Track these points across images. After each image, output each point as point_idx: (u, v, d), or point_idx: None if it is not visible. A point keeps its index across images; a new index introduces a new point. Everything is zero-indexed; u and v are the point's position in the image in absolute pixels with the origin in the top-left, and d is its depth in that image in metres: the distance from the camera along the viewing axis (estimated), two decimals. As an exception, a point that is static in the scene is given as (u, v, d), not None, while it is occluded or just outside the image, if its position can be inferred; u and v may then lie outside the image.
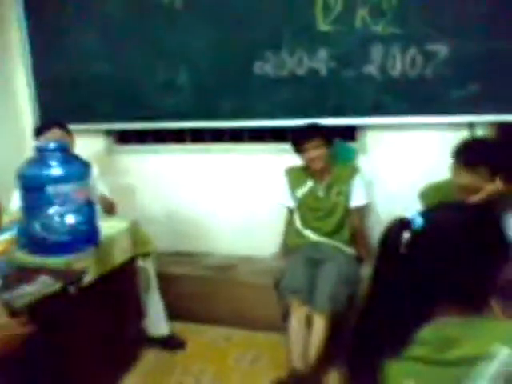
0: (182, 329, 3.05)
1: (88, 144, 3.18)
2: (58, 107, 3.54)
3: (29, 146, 3.39)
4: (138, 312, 2.85)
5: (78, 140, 2.94)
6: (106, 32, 3.34)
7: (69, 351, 2.21)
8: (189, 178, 3.49)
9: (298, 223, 2.90)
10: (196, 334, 3.06)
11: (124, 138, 3.65)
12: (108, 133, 3.61)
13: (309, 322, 2.51)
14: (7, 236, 2.16)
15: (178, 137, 3.50)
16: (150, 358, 2.88)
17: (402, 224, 1.12)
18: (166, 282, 2.98)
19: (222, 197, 3.46)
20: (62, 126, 2.91)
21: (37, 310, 1.88)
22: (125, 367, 2.75)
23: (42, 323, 1.68)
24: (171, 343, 2.93)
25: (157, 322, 2.91)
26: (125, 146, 3.64)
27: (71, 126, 2.98)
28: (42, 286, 1.95)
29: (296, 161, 2.88)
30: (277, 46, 3.01)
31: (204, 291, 3.14)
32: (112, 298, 2.60)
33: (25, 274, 2.07)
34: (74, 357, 2.26)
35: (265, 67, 3.07)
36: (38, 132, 2.89)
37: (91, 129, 3.49)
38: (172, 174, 3.51)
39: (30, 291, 1.90)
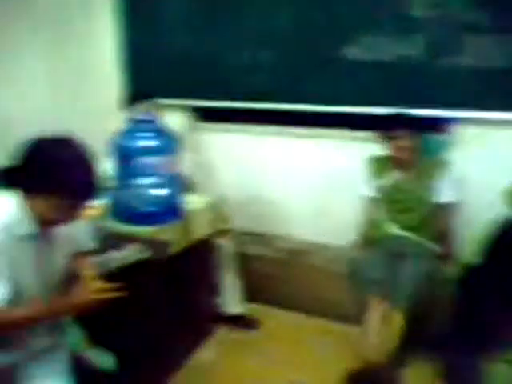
0: (256, 310, 3.07)
1: (172, 119, 3.22)
2: (145, 80, 3.61)
3: (114, 117, 3.49)
4: (213, 288, 2.89)
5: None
6: (195, 8, 3.36)
7: (147, 318, 2.28)
8: (269, 160, 3.47)
9: (379, 215, 2.83)
10: (269, 317, 3.07)
11: (208, 115, 3.68)
12: (192, 109, 3.65)
13: (385, 316, 2.46)
14: (100, 202, 2.23)
15: (260, 118, 3.49)
16: (223, 334, 2.92)
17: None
18: (241, 262, 3.00)
19: (300, 181, 3.43)
20: (152, 99, 2.97)
21: (124, 276, 1.94)
22: (198, 340, 2.81)
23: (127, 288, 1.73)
24: (245, 322, 2.96)
25: (232, 300, 2.94)
26: (208, 124, 3.66)
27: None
28: (131, 253, 2.01)
29: (378, 150, 2.81)
30: (368, 30, 2.91)
31: (279, 274, 3.15)
32: (190, 272, 2.65)
33: (114, 240, 2.14)
34: (151, 323, 2.32)
35: (354, 51, 2.99)
36: (129, 104, 2.97)
37: (175, 104, 3.54)
38: (252, 155, 3.51)
39: (119, 257, 1.96)
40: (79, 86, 3.52)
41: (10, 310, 1.46)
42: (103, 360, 1.77)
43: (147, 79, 3.59)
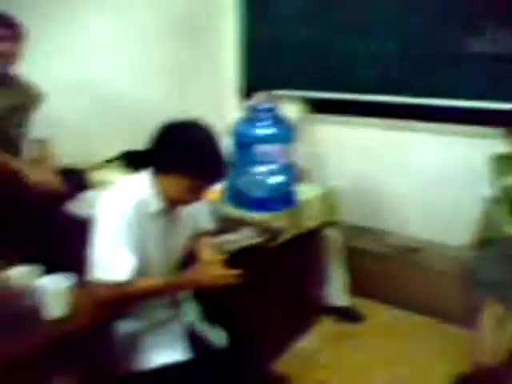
0: (361, 304, 3.05)
1: (287, 110, 3.25)
2: (262, 71, 3.66)
3: (231, 106, 3.59)
4: (319, 279, 2.91)
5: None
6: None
7: (255, 301, 2.33)
8: (383, 154, 3.41)
9: (499, 215, 2.69)
10: (374, 312, 3.04)
11: (322, 107, 3.66)
12: (307, 101, 3.66)
13: (501, 319, 2.35)
14: (217, 186, 2.32)
15: (376, 110, 3.42)
16: (326, 325, 2.93)
17: None
18: (349, 255, 2.99)
19: (415, 176, 3.33)
20: (268, 89, 3.02)
21: (236, 259, 2.00)
22: (302, 329, 2.84)
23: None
24: (349, 315, 2.96)
25: (337, 291, 2.95)
26: (320, 116, 3.66)
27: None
28: (246, 236, 2.07)
29: (503, 147, 2.67)
30: (499, 22, 2.76)
31: (387, 270, 3.10)
32: (297, 260, 2.69)
33: (229, 224, 2.21)
34: (257, 308, 2.37)
35: (482, 43, 2.85)
36: (246, 93, 3.04)
37: (291, 95, 3.56)
38: (366, 148, 3.46)
39: (234, 240, 2.03)
40: (198, 75, 3.65)
41: (136, 281, 1.57)
42: (216, 336, 1.84)
43: (264, 70, 3.64)
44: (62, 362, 1.52)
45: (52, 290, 1.49)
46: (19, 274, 1.56)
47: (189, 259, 1.86)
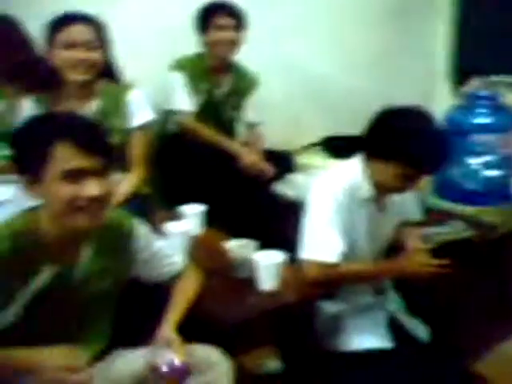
0: None
1: (506, 97, 3.02)
2: (476, 55, 3.41)
3: (441, 91, 3.42)
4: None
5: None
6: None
7: (458, 297, 2.23)
8: None
9: None
10: None
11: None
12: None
13: None
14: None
15: None
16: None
17: None
18: None
19: None
20: (483, 75, 2.83)
21: (443, 252, 1.92)
22: (507, 331, 2.64)
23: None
24: None
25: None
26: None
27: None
28: (455, 229, 1.98)
29: None
30: None
31: None
32: (507, 258, 2.49)
33: (437, 215, 2.13)
34: (461, 304, 2.26)
35: None
36: (459, 79, 2.88)
37: (506, 81, 3.27)
38: None
39: (444, 232, 1.96)
40: (408, 60, 3.53)
41: (344, 264, 1.59)
42: (418, 329, 1.80)
43: (478, 54, 3.41)
44: (267, 334, 1.61)
45: (266, 265, 1.58)
46: (237, 246, 1.69)
47: (393, 249, 1.84)
